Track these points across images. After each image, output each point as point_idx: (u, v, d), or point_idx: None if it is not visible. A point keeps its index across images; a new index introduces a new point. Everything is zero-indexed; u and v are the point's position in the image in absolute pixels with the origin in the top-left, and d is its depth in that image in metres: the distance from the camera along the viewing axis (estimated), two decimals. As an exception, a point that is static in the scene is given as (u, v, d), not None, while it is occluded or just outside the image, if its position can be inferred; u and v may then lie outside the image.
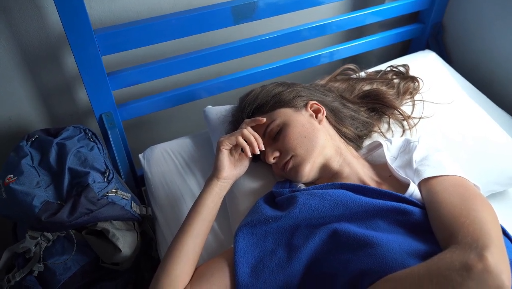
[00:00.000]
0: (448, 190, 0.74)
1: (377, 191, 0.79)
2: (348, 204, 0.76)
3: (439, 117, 1.08)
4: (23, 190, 0.90)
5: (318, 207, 0.77)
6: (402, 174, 0.83)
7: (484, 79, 1.39)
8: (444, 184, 0.76)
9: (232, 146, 0.86)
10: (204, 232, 0.82)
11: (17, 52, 1.05)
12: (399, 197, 0.77)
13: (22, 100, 1.14)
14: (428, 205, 0.75)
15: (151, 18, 1.01)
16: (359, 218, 0.76)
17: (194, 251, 0.79)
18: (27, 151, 0.99)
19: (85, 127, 1.09)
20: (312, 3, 1.18)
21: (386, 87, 1.11)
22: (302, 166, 0.86)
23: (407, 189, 0.79)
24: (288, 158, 0.87)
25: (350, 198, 0.77)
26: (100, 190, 0.94)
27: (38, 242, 0.94)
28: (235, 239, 0.79)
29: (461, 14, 1.40)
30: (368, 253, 0.67)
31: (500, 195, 1.09)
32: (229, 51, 1.16)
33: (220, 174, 0.85)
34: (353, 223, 0.75)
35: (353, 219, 0.76)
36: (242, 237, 0.79)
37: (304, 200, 0.78)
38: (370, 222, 0.75)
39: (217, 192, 0.85)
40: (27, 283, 0.93)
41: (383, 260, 0.65)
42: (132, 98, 1.18)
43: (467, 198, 0.71)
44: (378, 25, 1.46)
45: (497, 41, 1.32)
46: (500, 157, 1.05)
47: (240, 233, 0.79)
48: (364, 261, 0.67)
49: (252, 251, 0.77)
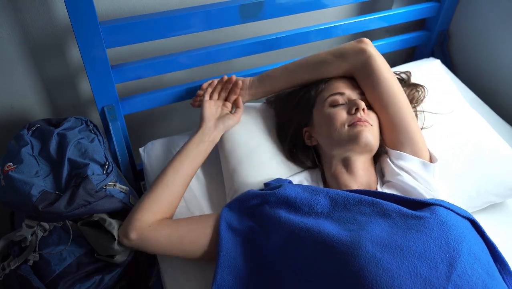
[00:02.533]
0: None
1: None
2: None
3: (439, 126, 1.07)
4: (21, 179, 0.90)
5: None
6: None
7: (487, 88, 1.38)
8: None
9: (213, 101, 1.03)
10: (186, 169, 0.92)
11: (22, 42, 1.05)
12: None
13: (25, 89, 1.14)
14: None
15: (157, 13, 1.01)
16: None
17: (174, 183, 0.89)
18: (27, 140, 0.99)
19: (87, 119, 1.09)
20: (320, 5, 1.18)
21: None
22: (371, 135, 0.87)
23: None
24: (370, 121, 0.89)
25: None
26: (98, 182, 0.94)
27: (34, 231, 0.94)
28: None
29: (468, 22, 1.40)
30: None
31: (498, 207, 1.09)
32: (235, 49, 1.16)
33: (201, 123, 0.98)
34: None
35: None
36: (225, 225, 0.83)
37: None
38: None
39: (200, 138, 0.96)
40: (22, 272, 0.93)
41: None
42: (135, 93, 1.18)
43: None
44: (384, 30, 1.46)
45: (501, 51, 1.32)
46: (500, 168, 1.04)
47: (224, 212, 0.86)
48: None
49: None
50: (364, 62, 0.93)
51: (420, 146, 0.90)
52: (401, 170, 0.88)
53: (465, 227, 0.72)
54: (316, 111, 0.96)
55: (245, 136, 1.02)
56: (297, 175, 0.97)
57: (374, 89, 0.92)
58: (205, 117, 0.99)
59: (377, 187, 0.89)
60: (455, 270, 0.64)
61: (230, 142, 1.02)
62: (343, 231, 0.71)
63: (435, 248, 0.66)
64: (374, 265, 0.64)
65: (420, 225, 0.70)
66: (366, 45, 0.94)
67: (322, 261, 0.70)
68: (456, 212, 0.74)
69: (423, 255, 0.66)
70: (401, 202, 0.77)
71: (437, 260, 0.65)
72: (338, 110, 0.91)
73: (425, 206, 0.75)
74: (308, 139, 0.98)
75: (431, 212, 0.72)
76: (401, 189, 0.86)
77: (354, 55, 0.94)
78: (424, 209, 0.74)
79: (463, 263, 0.65)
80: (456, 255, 0.65)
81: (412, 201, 0.77)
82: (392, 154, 0.91)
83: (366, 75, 0.93)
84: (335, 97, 0.93)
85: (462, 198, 1.01)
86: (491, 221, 1.04)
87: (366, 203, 0.77)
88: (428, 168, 0.88)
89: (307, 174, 0.97)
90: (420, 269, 0.64)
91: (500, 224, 1.05)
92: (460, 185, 1.02)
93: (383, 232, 0.70)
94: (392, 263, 0.65)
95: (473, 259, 0.66)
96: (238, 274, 0.77)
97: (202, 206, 1.01)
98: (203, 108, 1.01)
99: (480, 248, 0.71)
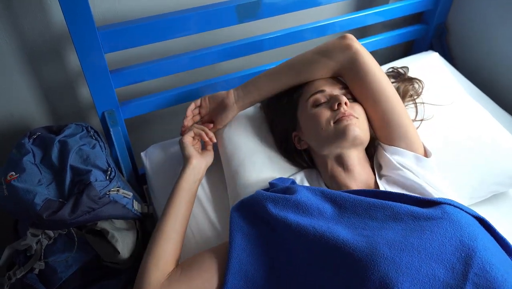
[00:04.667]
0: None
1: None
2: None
3: (441, 118, 1.07)
4: (24, 188, 0.89)
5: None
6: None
7: (487, 80, 1.38)
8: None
9: (191, 138, 0.99)
10: (183, 214, 0.88)
11: (20, 48, 1.05)
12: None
13: (24, 96, 1.14)
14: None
15: (154, 16, 1.01)
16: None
17: (175, 231, 0.85)
18: (29, 148, 0.98)
19: (88, 125, 1.08)
20: (316, 2, 1.18)
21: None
22: (358, 128, 0.86)
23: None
24: (354, 114, 0.88)
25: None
26: (102, 188, 0.94)
27: (39, 240, 0.94)
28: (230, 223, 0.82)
29: (465, 15, 1.40)
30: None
31: (502, 196, 1.09)
32: (233, 49, 1.15)
33: (190, 160, 0.94)
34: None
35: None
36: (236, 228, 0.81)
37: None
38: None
39: (191, 177, 0.93)
40: (28, 280, 0.93)
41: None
42: (135, 96, 1.17)
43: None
44: (382, 25, 1.46)
45: (500, 43, 1.32)
46: (503, 157, 1.04)
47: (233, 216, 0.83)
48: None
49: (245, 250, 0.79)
50: (351, 59, 0.91)
51: (414, 140, 0.90)
52: (401, 165, 0.87)
53: (476, 225, 0.71)
54: (300, 114, 0.95)
55: (245, 138, 1.02)
56: (298, 173, 0.97)
57: (363, 85, 0.91)
58: (192, 155, 0.95)
59: (376, 180, 0.88)
60: (471, 269, 0.63)
61: (231, 145, 1.01)
62: (357, 237, 0.70)
63: (451, 248, 0.66)
64: (394, 272, 0.63)
65: (434, 226, 0.69)
66: (351, 41, 0.92)
67: (337, 267, 0.69)
68: (465, 211, 0.74)
69: (440, 256, 0.65)
70: (409, 201, 0.77)
71: (453, 261, 0.65)
72: (321, 109, 0.89)
73: (433, 205, 0.75)
74: (298, 143, 0.97)
75: (442, 211, 0.72)
76: (402, 184, 0.86)
77: (340, 53, 0.92)
78: (433, 207, 0.74)
79: (480, 260, 0.64)
80: (471, 253, 0.65)
81: (420, 200, 0.77)
82: (387, 149, 0.90)
83: (354, 72, 0.91)
84: (316, 96, 0.92)
85: (465, 188, 1.02)
86: (495, 210, 1.05)
87: (376, 207, 0.75)
88: (424, 163, 0.88)
89: (307, 173, 0.97)
90: (438, 272, 0.64)
91: (504, 213, 1.05)
92: (463, 175, 1.02)
93: (397, 235, 0.69)
94: (411, 267, 0.64)
95: (490, 255, 0.66)
96: (249, 280, 0.76)
97: (206, 209, 1.01)
98: (186, 147, 0.96)
99: (493, 244, 0.71)
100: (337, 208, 0.78)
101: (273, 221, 0.78)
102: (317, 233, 0.72)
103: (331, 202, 0.79)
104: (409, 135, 0.89)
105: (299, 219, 0.76)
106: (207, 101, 1.04)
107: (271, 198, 0.81)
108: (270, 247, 0.78)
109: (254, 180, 0.96)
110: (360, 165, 0.89)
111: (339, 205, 0.78)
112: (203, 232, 0.97)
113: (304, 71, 0.96)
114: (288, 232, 0.76)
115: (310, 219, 0.76)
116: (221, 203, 1.03)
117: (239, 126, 1.04)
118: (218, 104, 1.02)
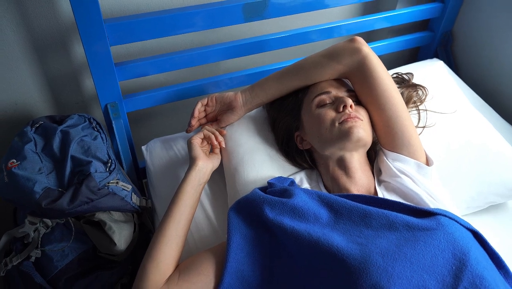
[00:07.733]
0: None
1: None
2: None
3: (442, 126, 1.07)
4: (25, 175, 0.90)
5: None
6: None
7: (491, 90, 1.38)
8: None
9: (200, 139, 0.97)
10: (186, 218, 0.87)
11: (27, 38, 1.06)
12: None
13: (29, 86, 1.14)
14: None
15: (161, 11, 1.02)
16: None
17: (177, 235, 0.83)
18: (31, 137, 0.99)
19: (90, 116, 1.09)
20: (323, 5, 1.18)
21: None
22: (363, 130, 0.86)
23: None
24: (360, 116, 0.88)
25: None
26: (101, 179, 0.94)
27: (37, 228, 0.94)
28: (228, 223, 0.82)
29: (472, 24, 1.40)
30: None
31: (500, 207, 1.09)
32: (238, 48, 1.16)
33: (196, 162, 0.92)
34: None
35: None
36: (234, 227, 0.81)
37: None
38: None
39: (196, 180, 0.90)
40: (23, 268, 0.93)
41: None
42: (139, 90, 1.18)
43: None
44: (387, 30, 1.46)
45: (505, 53, 1.31)
46: (502, 168, 1.04)
47: (231, 215, 0.83)
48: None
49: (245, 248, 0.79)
50: (360, 63, 0.90)
51: (416, 148, 0.89)
52: (401, 172, 0.87)
53: (469, 238, 0.71)
54: (304, 114, 0.95)
55: (246, 135, 1.02)
56: (298, 173, 0.97)
57: (370, 90, 0.90)
58: (199, 157, 0.93)
59: (375, 186, 0.88)
60: (461, 282, 0.64)
61: (232, 142, 1.02)
62: (351, 244, 0.70)
63: (443, 260, 0.66)
64: (386, 281, 0.64)
65: (427, 237, 0.69)
66: (360, 44, 0.90)
67: (330, 273, 0.69)
68: (460, 223, 0.74)
69: (432, 268, 0.65)
70: (405, 210, 0.77)
71: (445, 273, 0.65)
72: (326, 110, 0.89)
73: (428, 215, 0.75)
74: (300, 143, 0.97)
75: (436, 222, 0.71)
76: (401, 192, 0.85)
77: (349, 56, 0.91)
78: (429, 218, 0.74)
79: (470, 274, 0.65)
80: (463, 267, 0.65)
81: (416, 210, 0.77)
82: (388, 155, 0.90)
83: (363, 76, 0.90)
84: (322, 97, 0.91)
85: (463, 198, 1.02)
86: (492, 221, 1.05)
87: (371, 215, 0.75)
88: (425, 171, 0.88)
89: (307, 173, 0.97)
90: (429, 283, 0.64)
91: (501, 225, 1.05)
92: (462, 185, 1.02)
93: (391, 245, 0.69)
94: (403, 277, 0.64)
95: (482, 268, 0.66)
96: (244, 280, 0.76)
97: (205, 208, 1.01)
98: (194, 148, 0.94)
99: (485, 258, 0.71)
100: (333, 213, 0.78)
101: (270, 224, 0.78)
102: (312, 238, 0.72)
103: (328, 207, 0.79)
104: (412, 143, 0.89)
105: (295, 224, 0.76)
106: (214, 101, 1.03)
107: (268, 201, 0.81)
108: (266, 249, 0.79)
109: (253, 178, 0.96)
110: (361, 169, 0.89)
111: (335, 211, 0.78)
112: (202, 231, 0.98)
113: (312, 74, 0.95)
114: (284, 236, 0.76)
115: (305, 224, 0.76)
116: (220, 201, 1.03)
117: (240, 124, 1.04)
118: (225, 106, 1.02)
